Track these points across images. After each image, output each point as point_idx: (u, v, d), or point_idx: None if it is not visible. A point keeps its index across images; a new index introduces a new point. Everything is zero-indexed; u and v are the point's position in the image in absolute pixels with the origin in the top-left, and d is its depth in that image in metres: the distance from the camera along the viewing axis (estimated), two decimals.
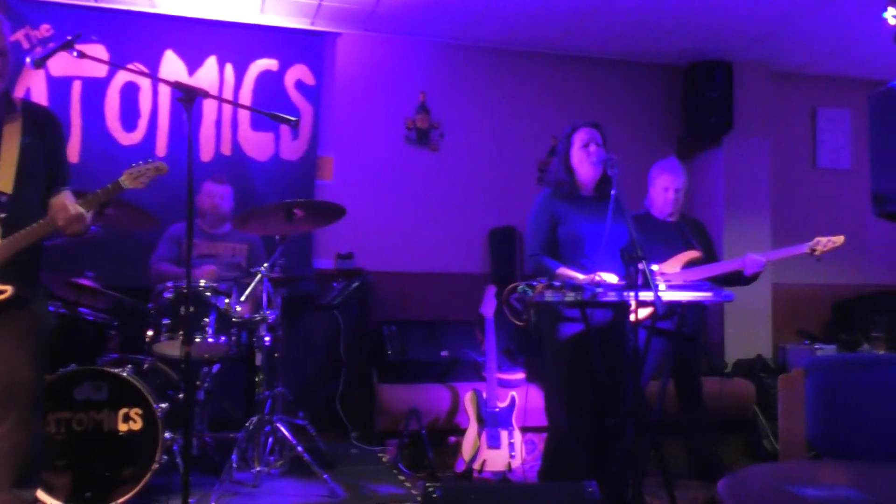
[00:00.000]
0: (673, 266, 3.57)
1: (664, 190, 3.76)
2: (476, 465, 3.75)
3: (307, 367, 4.83)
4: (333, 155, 5.11)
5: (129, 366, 3.32)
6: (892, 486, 1.64)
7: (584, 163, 3.22)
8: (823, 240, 3.48)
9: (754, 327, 5.40)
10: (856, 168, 5.91)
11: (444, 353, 4.51)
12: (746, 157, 5.52)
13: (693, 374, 3.81)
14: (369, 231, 5.09)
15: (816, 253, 3.48)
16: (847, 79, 5.92)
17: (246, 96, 4.84)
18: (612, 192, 2.90)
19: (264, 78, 4.88)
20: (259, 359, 3.56)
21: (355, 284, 4.69)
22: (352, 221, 4.28)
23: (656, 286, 2.63)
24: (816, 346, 4.92)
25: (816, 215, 5.73)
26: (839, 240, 3.47)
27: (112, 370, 3.16)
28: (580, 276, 3.00)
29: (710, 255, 3.80)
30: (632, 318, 2.71)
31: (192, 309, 3.33)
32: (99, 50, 4.56)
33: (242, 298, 3.50)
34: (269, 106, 4.09)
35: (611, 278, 2.93)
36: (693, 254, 3.64)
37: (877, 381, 2.04)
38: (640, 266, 2.64)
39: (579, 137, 3.25)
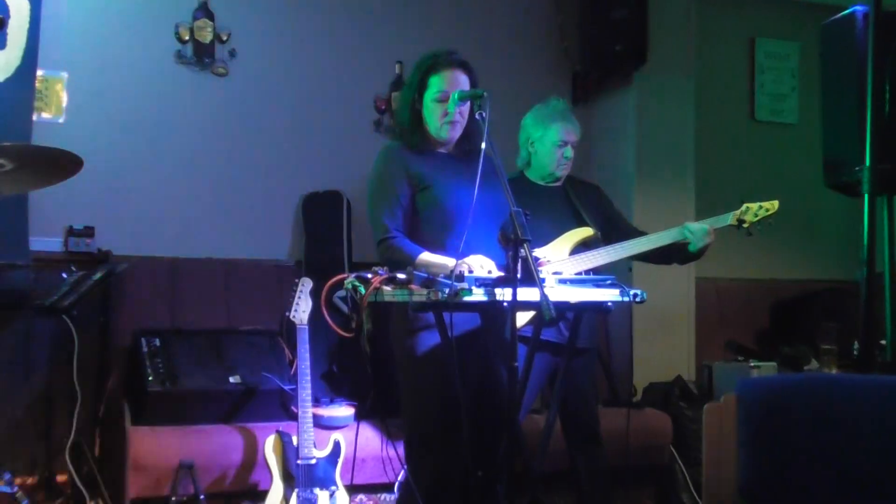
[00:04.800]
0: (559, 249, 3.69)
1: (559, 145, 3.87)
2: None
3: (18, 403, 4.63)
4: (64, 75, 4.88)
5: None
6: None
7: (437, 120, 3.24)
8: (754, 206, 3.70)
9: (672, 338, 5.71)
10: (804, 122, 6.38)
11: (235, 380, 4.44)
12: (665, 100, 5.79)
13: (587, 403, 3.95)
14: (120, 196, 4.92)
15: (746, 225, 3.72)
16: (796, 1, 6.35)
17: None
18: (483, 146, 2.93)
19: None
20: None
21: (97, 276, 4.52)
22: (93, 180, 4.12)
23: (542, 280, 2.71)
24: (751, 363, 5.25)
25: (754, 182, 6.12)
26: (773, 205, 3.70)
27: None
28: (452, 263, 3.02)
29: (613, 230, 3.94)
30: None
31: None
32: None
33: None
34: None
35: (488, 265, 2.96)
36: (585, 232, 3.78)
37: (829, 411, 2.21)
38: (521, 252, 2.70)
39: (437, 83, 3.24)
